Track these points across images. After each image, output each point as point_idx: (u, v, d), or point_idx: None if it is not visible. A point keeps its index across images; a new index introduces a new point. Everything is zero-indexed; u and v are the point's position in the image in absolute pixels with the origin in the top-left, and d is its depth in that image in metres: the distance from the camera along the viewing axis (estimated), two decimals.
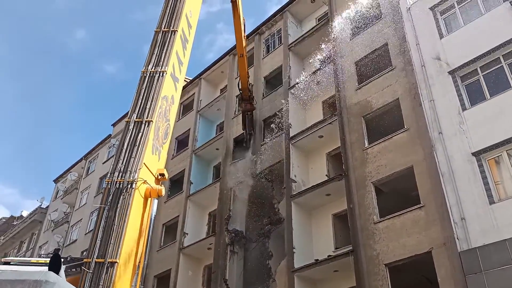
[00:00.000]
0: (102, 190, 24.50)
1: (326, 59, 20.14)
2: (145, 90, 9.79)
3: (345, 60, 19.21)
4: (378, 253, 14.23)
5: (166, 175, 9.51)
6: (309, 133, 19.24)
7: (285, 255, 17.27)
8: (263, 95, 23.53)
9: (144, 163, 8.73)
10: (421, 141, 14.82)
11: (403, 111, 16.02)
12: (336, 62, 19.45)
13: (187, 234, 22.69)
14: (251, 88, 22.24)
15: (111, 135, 36.56)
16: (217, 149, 24.58)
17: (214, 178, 24.50)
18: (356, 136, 17.10)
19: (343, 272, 15.36)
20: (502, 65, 14.21)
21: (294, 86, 21.14)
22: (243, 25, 19.96)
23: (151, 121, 9.26)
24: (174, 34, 10.96)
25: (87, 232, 31.72)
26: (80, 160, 39.88)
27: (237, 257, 19.64)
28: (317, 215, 18.15)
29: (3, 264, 8.22)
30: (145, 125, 9.18)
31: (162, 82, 9.98)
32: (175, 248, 22.69)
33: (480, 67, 14.71)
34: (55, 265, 6.14)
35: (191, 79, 29.49)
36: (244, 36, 20.53)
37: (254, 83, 23.18)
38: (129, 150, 8.81)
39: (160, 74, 10.12)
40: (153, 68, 10.26)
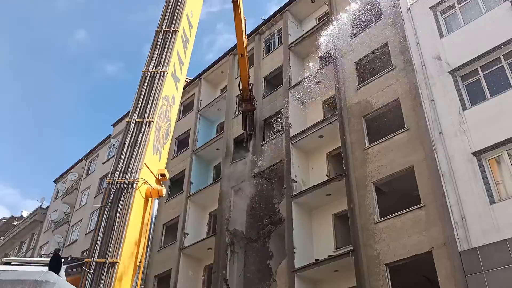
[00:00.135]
0: (103, 190, 24.55)
1: (326, 59, 20.12)
2: (146, 90, 9.75)
3: (346, 60, 19.21)
4: (379, 253, 14.23)
5: (167, 175, 9.50)
6: (310, 133, 19.24)
7: (285, 255, 17.27)
8: (263, 95, 23.53)
9: (145, 163, 8.71)
10: (422, 141, 14.82)
11: (404, 111, 16.02)
12: (336, 62, 19.45)
13: (188, 234, 22.70)
14: (251, 88, 22.22)
15: (111, 135, 36.56)
16: (218, 149, 24.58)
17: (215, 178, 24.50)
18: (356, 136, 17.10)
19: (343, 272, 15.36)
20: (503, 65, 14.21)
21: (295, 86, 21.15)
22: (244, 25, 19.89)
23: (152, 121, 9.23)
24: (175, 34, 10.93)
25: (88, 232, 31.73)
26: (80, 160, 39.88)
27: (237, 257, 19.63)
28: (318, 215, 18.15)
29: (4, 264, 8.24)
30: (146, 125, 9.15)
31: (163, 82, 9.95)
32: (175, 248, 22.70)
33: (480, 66, 14.71)
34: (55, 265, 6.15)
35: (191, 79, 29.49)
36: (245, 36, 20.50)
37: (254, 83, 23.14)
38: (130, 150, 8.77)
39: (161, 74, 10.08)
40: (154, 68, 10.22)
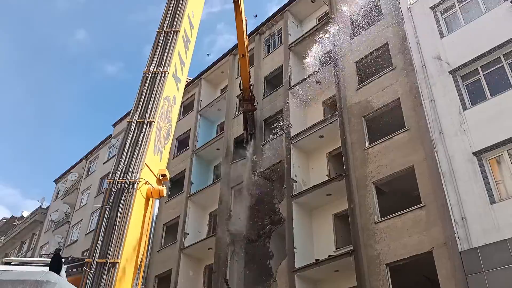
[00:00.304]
0: (103, 190, 24.54)
1: (327, 59, 20.12)
2: (147, 91, 9.76)
3: (346, 59, 19.21)
4: (379, 253, 14.23)
5: (168, 176, 9.50)
6: (310, 133, 19.24)
7: (285, 255, 17.27)
8: (263, 95, 23.53)
9: (146, 163, 8.72)
10: (422, 141, 14.82)
11: (404, 111, 16.02)
12: (336, 61, 19.45)
13: (188, 234, 22.71)
14: (252, 88, 22.22)
15: (111, 135, 36.56)
16: (218, 149, 24.58)
17: (215, 178, 24.52)
18: (356, 136, 17.10)
19: (344, 272, 15.36)
20: (503, 65, 14.21)
21: (295, 86, 21.15)
22: (245, 25, 19.89)
23: (153, 121, 9.24)
24: (176, 35, 10.92)
25: (88, 232, 31.74)
26: (80, 161, 39.88)
27: (238, 257, 19.64)
28: (318, 215, 18.15)
29: (4, 265, 8.24)
30: (147, 126, 9.16)
31: (164, 83, 9.95)
32: (176, 248, 22.70)
33: (480, 66, 14.71)
34: (56, 265, 6.14)
35: (191, 79, 29.50)
36: (246, 37, 20.49)
37: (254, 83, 23.15)
38: (131, 151, 8.78)
39: (162, 75, 10.08)
40: (155, 68, 10.22)
